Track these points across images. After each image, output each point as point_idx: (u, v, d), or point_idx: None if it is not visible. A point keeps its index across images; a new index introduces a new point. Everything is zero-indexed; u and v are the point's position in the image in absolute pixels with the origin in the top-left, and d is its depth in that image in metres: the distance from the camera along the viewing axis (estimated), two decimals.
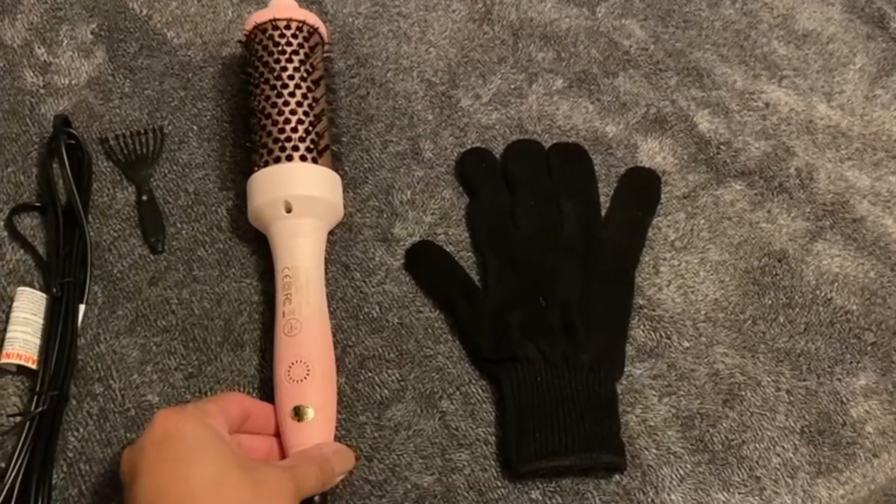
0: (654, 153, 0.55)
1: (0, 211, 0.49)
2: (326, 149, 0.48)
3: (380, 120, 0.55)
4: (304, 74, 0.49)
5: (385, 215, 0.51)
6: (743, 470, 0.45)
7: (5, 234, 0.49)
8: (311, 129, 0.47)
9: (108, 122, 0.53)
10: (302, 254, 0.45)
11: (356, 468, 0.43)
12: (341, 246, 0.50)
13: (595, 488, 0.44)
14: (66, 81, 0.54)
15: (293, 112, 0.47)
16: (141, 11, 0.58)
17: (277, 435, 0.42)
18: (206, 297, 0.48)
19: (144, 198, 0.50)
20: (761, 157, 0.56)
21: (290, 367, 0.42)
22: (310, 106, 0.48)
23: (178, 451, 0.34)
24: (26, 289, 0.45)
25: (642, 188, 0.53)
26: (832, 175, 0.55)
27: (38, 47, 0.56)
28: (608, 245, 0.50)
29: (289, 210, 0.45)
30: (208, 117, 0.54)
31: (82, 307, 0.46)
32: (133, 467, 0.34)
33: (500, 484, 0.43)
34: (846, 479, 0.45)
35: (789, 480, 0.45)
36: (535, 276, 0.48)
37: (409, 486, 0.43)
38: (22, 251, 0.48)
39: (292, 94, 0.47)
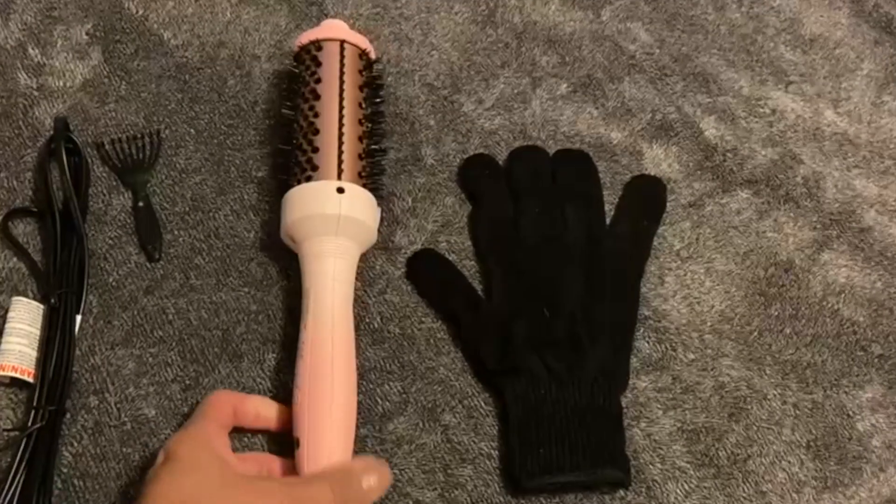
0: (659, 160, 0.54)
1: None
2: (371, 171, 0.47)
3: None
4: (363, 96, 0.48)
5: (386, 223, 0.50)
6: (749, 485, 0.44)
7: None
8: (364, 150, 0.47)
9: (104, 126, 0.52)
10: (315, 276, 0.43)
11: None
12: None
13: None
14: (61, 84, 0.53)
15: (362, 135, 0.47)
16: (137, 11, 0.57)
17: (281, 428, 0.42)
18: (204, 307, 0.47)
19: (141, 204, 0.49)
20: (768, 164, 0.55)
21: (293, 393, 0.42)
22: (365, 129, 0.47)
23: (172, 472, 0.35)
24: (22, 299, 0.44)
25: (647, 196, 0.53)
26: (839, 184, 0.55)
27: (32, 48, 0.54)
28: (613, 254, 0.49)
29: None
30: (206, 121, 0.53)
31: (78, 318, 0.45)
32: (138, 492, 0.35)
33: (503, 500, 0.43)
34: (852, 494, 0.45)
35: (795, 495, 0.44)
36: (539, 285, 0.48)
37: (410, 502, 0.42)
38: (15, 259, 0.47)
39: (349, 115, 0.46)
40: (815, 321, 0.50)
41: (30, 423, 0.40)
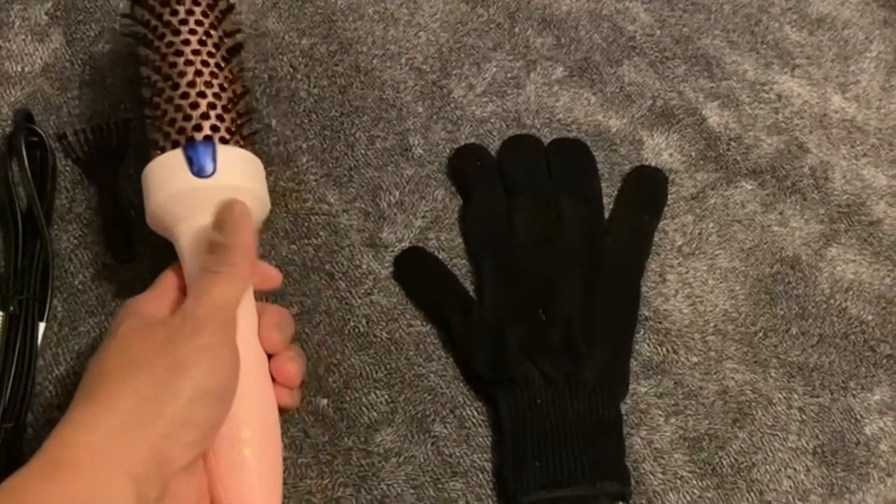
0: (660, 150, 0.51)
1: None
2: (244, 127, 0.39)
3: (365, 112, 0.51)
4: (211, 40, 0.39)
5: (372, 218, 0.48)
6: (753, 494, 0.43)
7: None
8: (226, 103, 0.38)
9: (67, 115, 0.49)
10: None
11: (344, 498, 0.40)
12: (325, 252, 0.46)
13: None
14: (19, 69, 0.50)
15: (204, 83, 0.37)
16: None
17: None
18: None
19: (108, 200, 0.46)
20: (773, 154, 0.52)
21: None
22: (224, 77, 0.38)
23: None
24: None
25: (648, 189, 0.50)
26: (847, 174, 0.52)
27: None
28: (612, 252, 0.47)
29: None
30: None
31: (42, 325, 0.42)
32: None
33: None
34: (859, 501, 0.43)
35: None
36: (534, 286, 0.45)
37: None
38: None
39: (204, 63, 0.37)
40: (823, 320, 0.47)
41: None
